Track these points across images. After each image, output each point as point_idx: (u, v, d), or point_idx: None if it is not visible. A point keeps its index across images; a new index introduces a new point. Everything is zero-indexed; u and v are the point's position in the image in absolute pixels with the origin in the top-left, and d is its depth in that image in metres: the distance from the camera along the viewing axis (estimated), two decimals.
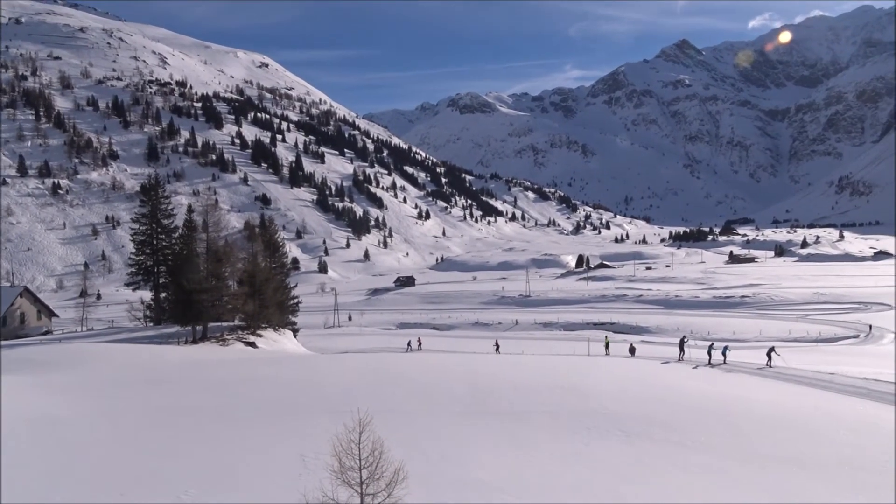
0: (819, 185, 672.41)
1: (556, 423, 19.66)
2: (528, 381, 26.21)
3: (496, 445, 17.40)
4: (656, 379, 28.47)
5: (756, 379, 29.32)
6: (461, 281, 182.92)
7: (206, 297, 41.88)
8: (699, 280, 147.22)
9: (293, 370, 30.59)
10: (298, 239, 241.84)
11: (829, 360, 42.74)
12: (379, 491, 9.01)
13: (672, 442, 17.92)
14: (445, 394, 23.67)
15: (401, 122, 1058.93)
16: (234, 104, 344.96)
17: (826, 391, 25.92)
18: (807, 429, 19.45)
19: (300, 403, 22.25)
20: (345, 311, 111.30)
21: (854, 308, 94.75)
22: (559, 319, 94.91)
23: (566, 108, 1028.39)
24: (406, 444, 15.12)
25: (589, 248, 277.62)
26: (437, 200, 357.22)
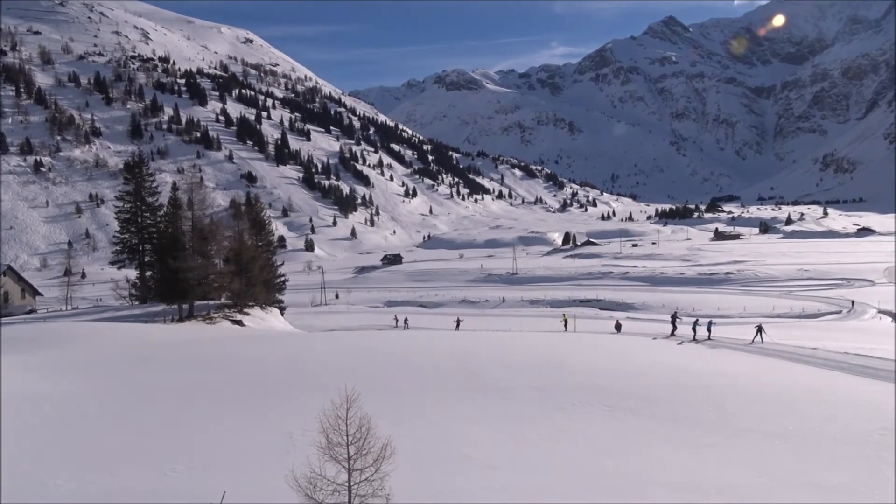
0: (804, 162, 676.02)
1: (543, 398, 19.81)
2: (514, 357, 26.36)
3: (483, 421, 17.53)
4: (642, 355, 28.72)
5: (740, 354, 29.64)
6: (448, 259, 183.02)
7: (192, 276, 41.70)
8: (685, 257, 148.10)
9: (280, 348, 30.59)
10: (285, 217, 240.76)
11: (813, 335, 43.22)
12: (366, 466, 9.05)
13: (657, 417, 18.10)
14: (433, 371, 23.77)
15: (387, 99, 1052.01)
16: (219, 81, 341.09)
17: (809, 366, 26.25)
18: (790, 403, 19.71)
19: (288, 381, 22.29)
20: (332, 289, 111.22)
21: (837, 284, 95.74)
22: (546, 297, 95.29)
23: (553, 86, 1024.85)
24: (394, 421, 15.19)
25: (576, 226, 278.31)
26: (424, 178, 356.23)
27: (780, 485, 13.17)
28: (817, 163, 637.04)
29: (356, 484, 9.06)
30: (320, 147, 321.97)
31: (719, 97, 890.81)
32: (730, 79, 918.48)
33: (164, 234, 47.07)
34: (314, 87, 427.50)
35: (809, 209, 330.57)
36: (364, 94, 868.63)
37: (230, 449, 14.82)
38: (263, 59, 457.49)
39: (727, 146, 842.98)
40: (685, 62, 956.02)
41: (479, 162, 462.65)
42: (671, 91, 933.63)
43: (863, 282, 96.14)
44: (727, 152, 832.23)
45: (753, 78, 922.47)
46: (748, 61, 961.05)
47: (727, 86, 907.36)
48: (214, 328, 40.81)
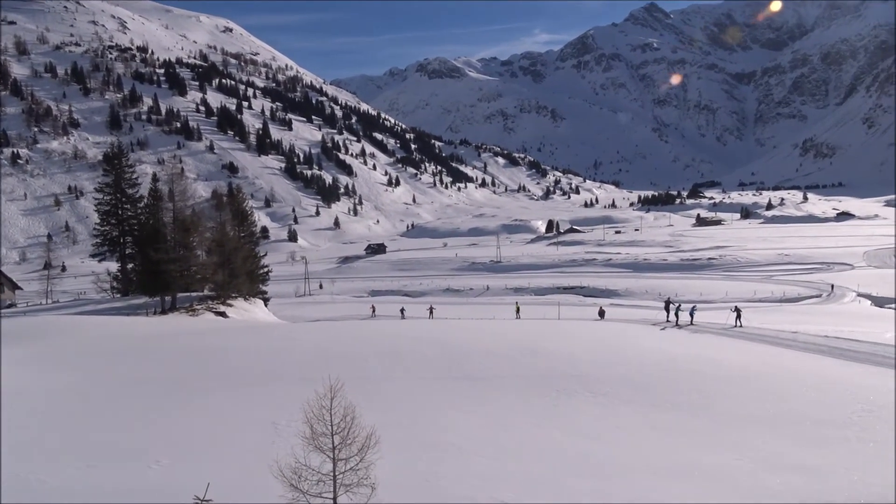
0: (784, 147, 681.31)
1: (528, 385, 19.89)
2: (499, 345, 26.43)
3: (468, 409, 17.58)
4: (625, 341, 28.90)
5: (722, 339, 29.89)
6: (432, 248, 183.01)
7: (175, 268, 41.41)
8: (667, 243, 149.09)
9: (264, 339, 30.48)
10: (267, 207, 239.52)
11: (793, 319, 43.70)
12: (351, 456, 9.06)
13: (640, 402, 18.24)
14: (417, 359, 23.79)
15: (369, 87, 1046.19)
16: (198, 70, 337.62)
17: (790, 349, 26.52)
18: (771, 386, 19.92)
19: (272, 372, 22.22)
20: (316, 280, 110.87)
21: (817, 268, 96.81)
22: (530, 284, 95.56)
23: (535, 73, 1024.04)
24: (379, 410, 15.20)
25: (559, 213, 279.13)
26: (407, 167, 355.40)
27: (763, 467, 13.32)
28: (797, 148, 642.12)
29: (341, 473, 9.06)
30: (302, 137, 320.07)
31: (700, 83, 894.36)
32: (711, 65, 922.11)
33: (145, 225, 46.66)
34: (295, 77, 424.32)
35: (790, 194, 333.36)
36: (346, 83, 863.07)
37: (215, 441, 14.76)
38: (243, 49, 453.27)
39: (708, 132, 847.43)
40: (666, 48, 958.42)
41: (461, 150, 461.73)
42: (653, 77, 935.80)
43: (842, 266, 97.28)
44: (708, 138, 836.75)
45: (734, 64, 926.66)
46: (728, 47, 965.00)
47: (708, 72, 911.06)
48: (197, 320, 40.58)
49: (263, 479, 9.85)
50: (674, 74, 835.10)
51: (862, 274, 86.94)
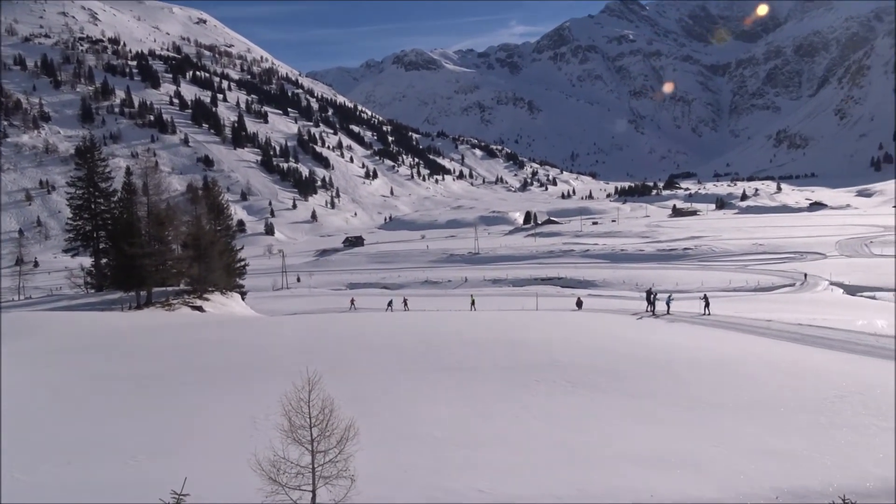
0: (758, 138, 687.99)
1: (506, 376, 19.96)
2: (478, 336, 26.49)
3: (448, 400, 17.61)
4: (602, 331, 29.10)
5: (698, 328, 30.22)
6: (410, 240, 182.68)
7: (150, 262, 40.97)
8: (644, 234, 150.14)
9: (242, 333, 30.29)
10: (243, 201, 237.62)
11: (768, 307, 44.30)
12: (330, 448, 9.04)
13: (618, 391, 18.39)
14: (396, 351, 23.77)
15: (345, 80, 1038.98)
16: (172, 62, 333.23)
17: (764, 338, 26.88)
18: (746, 374, 20.19)
19: (250, 366, 22.09)
20: (293, 273, 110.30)
21: (790, 258, 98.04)
22: (508, 276, 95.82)
23: (512, 65, 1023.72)
24: (357, 402, 15.16)
25: (536, 205, 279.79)
26: (384, 159, 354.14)
27: (738, 453, 13.50)
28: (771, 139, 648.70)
29: (320, 465, 9.04)
30: (278, 129, 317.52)
31: (676, 75, 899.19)
32: (686, 56, 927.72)
33: (118, 220, 46.09)
34: (270, 69, 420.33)
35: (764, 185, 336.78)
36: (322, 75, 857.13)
37: (192, 436, 14.66)
38: (217, 40, 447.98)
39: (684, 124, 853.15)
40: (642, 40, 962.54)
41: (439, 142, 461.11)
42: (629, 69, 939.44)
43: (815, 255, 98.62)
44: (684, 130, 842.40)
45: (709, 56, 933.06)
46: (703, 39, 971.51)
47: (683, 63, 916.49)
48: (174, 314, 40.19)
49: (241, 473, 9.79)
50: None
51: (834, 263, 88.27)
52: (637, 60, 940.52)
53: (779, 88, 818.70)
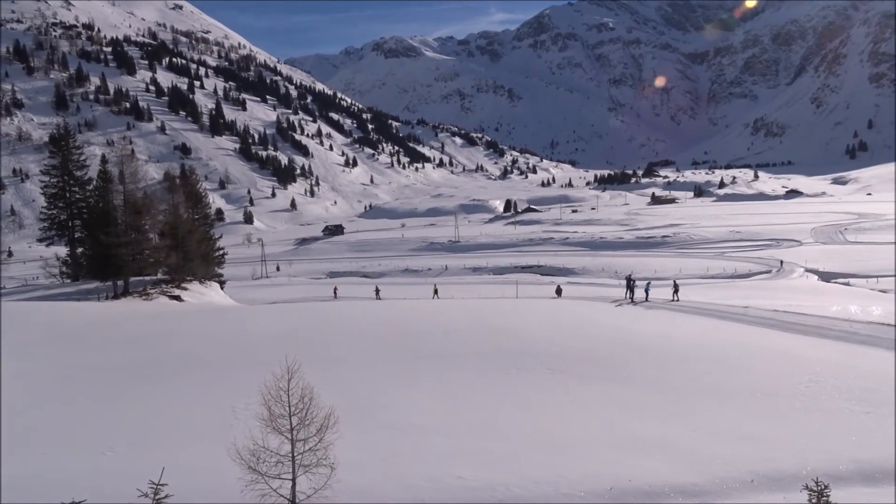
0: (736, 126, 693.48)
1: (487, 364, 20.04)
2: (458, 324, 26.54)
3: (428, 388, 17.65)
4: (581, 318, 29.27)
5: (676, 314, 30.49)
6: (390, 228, 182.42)
7: (126, 251, 40.53)
8: (623, 222, 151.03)
9: (221, 322, 30.10)
10: (222, 189, 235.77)
11: (744, 294, 44.78)
12: (310, 437, 9.03)
13: (597, 378, 18.53)
14: (376, 340, 23.77)
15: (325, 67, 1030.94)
16: (148, 49, 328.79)
17: (741, 324, 27.20)
18: (723, 360, 20.43)
19: (229, 355, 21.97)
20: (273, 262, 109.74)
21: (767, 245, 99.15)
22: (488, 264, 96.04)
23: (492, 52, 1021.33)
24: (338, 391, 15.14)
25: (516, 193, 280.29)
26: (364, 147, 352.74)
27: (714, 438, 13.68)
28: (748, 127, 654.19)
29: (300, 454, 9.03)
30: (257, 117, 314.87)
31: (655, 63, 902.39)
32: (665, 45, 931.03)
33: (94, 208, 45.52)
34: (248, 55, 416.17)
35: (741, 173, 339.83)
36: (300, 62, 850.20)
37: (171, 426, 14.57)
38: (194, 26, 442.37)
39: (663, 112, 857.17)
40: (622, 28, 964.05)
41: (419, 130, 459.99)
42: (608, 57, 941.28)
43: (791, 242, 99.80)
44: (663, 118, 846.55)
45: (687, 44, 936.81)
46: (682, 27, 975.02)
47: (663, 52, 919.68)
48: (151, 304, 39.83)
49: (221, 463, 9.76)
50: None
51: (810, 250, 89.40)
52: (617, 48, 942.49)
53: (756, 77, 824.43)
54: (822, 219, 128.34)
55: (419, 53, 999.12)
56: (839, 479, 11.37)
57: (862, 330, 25.18)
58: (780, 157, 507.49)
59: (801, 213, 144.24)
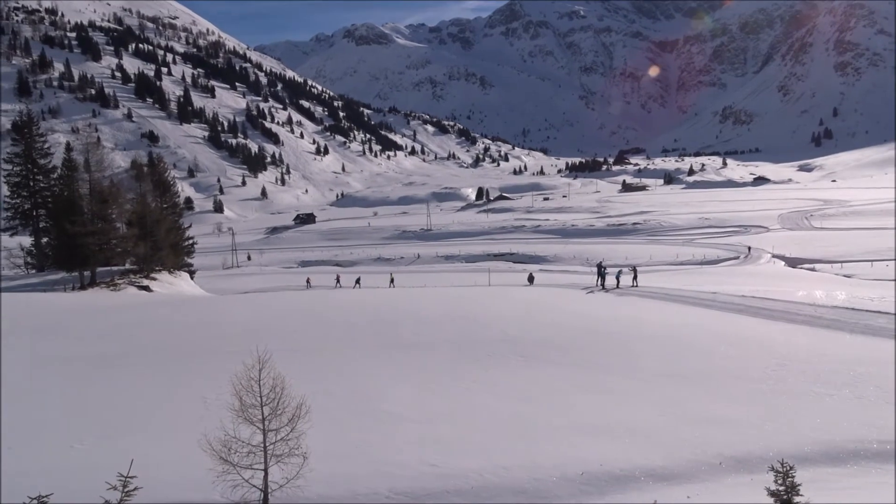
0: (705, 114, 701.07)
1: (459, 351, 20.09)
2: (430, 312, 26.57)
3: (400, 376, 17.65)
4: (553, 305, 29.48)
5: (646, 300, 30.83)
6: (362, 217, 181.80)
7: (93, 241, 39.87)
8: (594, 209, 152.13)
9: (191, 312, 29.79)
10: (191, 178, 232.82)
11: (713, 280, 45.41)
12: (282, 426, 8.98)
13: (569, 364, 18.69)
14: (348, 329, 23.70)
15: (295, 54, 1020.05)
16: (113, 34, 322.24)
17: (709, 309, 27.60)
18: (692, 345, 20.72)
19: (200, 345, 21.77)
20: (243, 251, 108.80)
21: (735, 231, 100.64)
22: (460, 252, 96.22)
23: (464, 40, 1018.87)
24: (310, 381, 15.07)
25: (488, 181, 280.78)
26: (336, 135, 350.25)
27: (683, 422, 13.88)
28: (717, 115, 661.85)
29: (272, 444, 8.98)
30: (226, 104, 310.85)
31: (626, 51, 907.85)
32: (636, 33, 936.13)
33: (59, 197, 44.65)
34: (217, 42, 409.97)
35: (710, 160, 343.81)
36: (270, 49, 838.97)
37: (140, 418, 14.40)
38: (161, 12, 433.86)
39: (633, 100, 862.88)
40: (593, 16, 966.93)
41: (391, 118, 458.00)
42: (579, 45, 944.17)
43: (758, 228, 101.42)
44: (633, 106, 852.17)
45: (658, 32, 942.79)
46: (652, 16, 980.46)
47: (633, 40, 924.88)
48: (119, 294, 39.29)
49: (192, 454, 9.67)
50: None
51: (776, 236, 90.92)
52: (588, 37, 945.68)
53: (725, 65, 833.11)
54: (788, 205, 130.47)
55: (390, 41, 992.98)
56: (804, 460, 11.61)
57: (827, 314, 25.70)
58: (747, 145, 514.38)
59: (769, 200, 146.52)
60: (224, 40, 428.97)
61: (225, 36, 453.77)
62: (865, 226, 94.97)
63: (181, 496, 10.32)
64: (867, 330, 22.74)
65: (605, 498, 10.74)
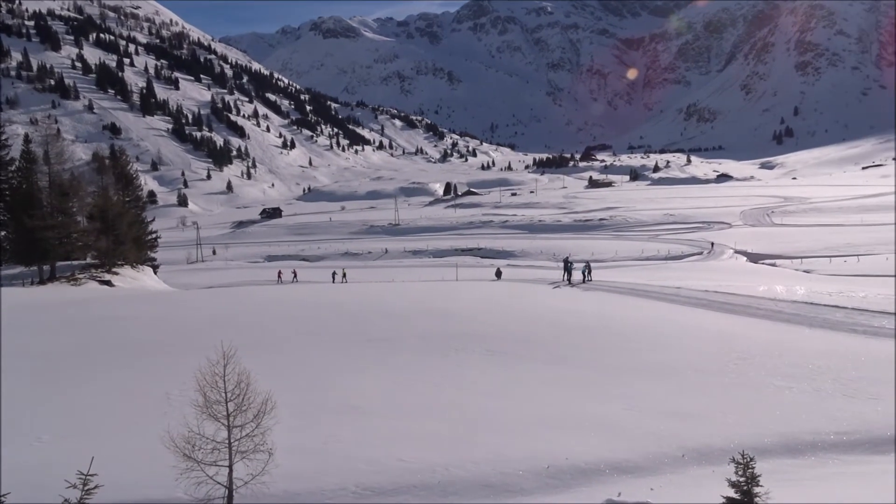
0: (670, 112, 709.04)
1: (427, 346, 20.10)
2: (398, 307, 26.54)
3: (368, 371, 17.61)
4: (520, 299, 29.63)
5: (612, 295, 31.15)
6: (329, 211, 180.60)
7: (53, 235, 39.08)
8: (561, 205, 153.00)
9: (155, 307, 29.35)
10: (154, 171, 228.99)
11: (677, 275, 46.05)
12: (247, 422, 8.89)
13: (536, 359, 18.81)
14: (316, 323, 23.57)
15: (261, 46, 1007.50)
16: (73, 23, 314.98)
17: (674, 304, 27.99)
18: (657, 339, 21.00)
19: (164, 341, 21.45)
20: (208, 246, 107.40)
21: (699, 227, 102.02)
22: (428, 247, 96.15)
23: (432, 35, 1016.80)
24: (277, 376, 14.95)
25: (456, 176, 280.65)
26: (303, 129, 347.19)
27: (648, 415, 14.06)
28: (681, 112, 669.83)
29: (237, 440, 8.89)
30: (190, 97, 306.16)
31: (592, 48, 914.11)
32: (602, 30, 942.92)
33: (17, 190, 43.58)
34: (181, 33, 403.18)
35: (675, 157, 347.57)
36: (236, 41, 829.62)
37: (101, 414, 14.16)
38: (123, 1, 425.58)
39: (600, 96, 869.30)
40: (560, 13, 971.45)
41: (358, 112, 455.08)
42: (547, 42, 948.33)
43: (721, 224, 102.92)
44: (600, 102, 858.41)
45: (624, 30, 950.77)
46: (619, 13, 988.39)
47: (600, 37, 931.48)
48: (80, 289, 38.54)
49: (154, 451, 9.53)
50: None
51: (739, 232, 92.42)
52: (555, 33, 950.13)
53: (689, 63, 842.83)
54: (750, 202, 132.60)
55: (358, 34, 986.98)
56: (764, 452, 11.85)
57: (787, 309, 26.23)
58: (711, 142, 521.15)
59: (731, 197, 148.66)
60: (188, 31, 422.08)
61: (189, 27, 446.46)
62: (824, 222, 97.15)
63: (143, 494, 10.18)
64: (825, 324, 23.29)
65: (571, 491, 10.85)
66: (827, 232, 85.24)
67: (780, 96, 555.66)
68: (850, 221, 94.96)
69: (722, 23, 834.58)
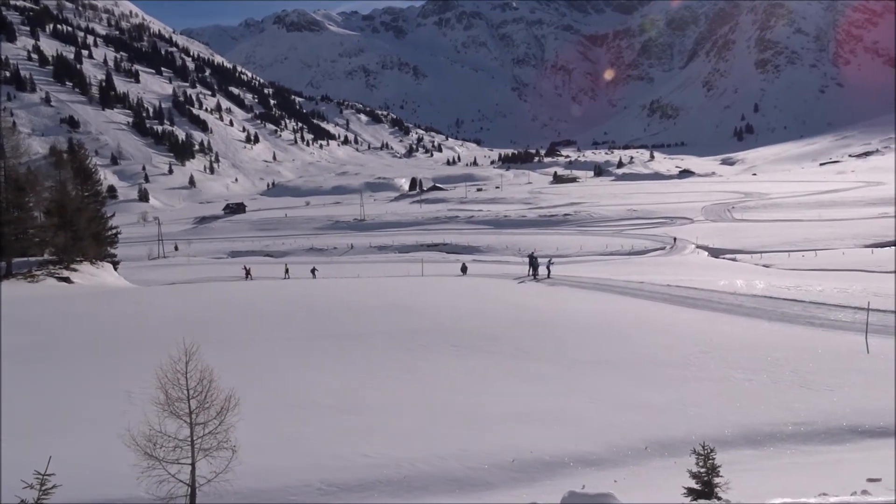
0: (633, 108, 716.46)
1: (392, 342, 20.07)
2: (364, 303, 26.44)
3: (332, 367, 17.52)
4: (485, 295, 29.72)
5: (576, 290, 31.43)
6: (294, 206, 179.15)
7: (8, 230, 38.09)
8: (526, 200, 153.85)
9: (115, 304, 28.81)
10: (114, 165, 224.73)
11: (640, 270, 46.59)
12: (210, 420, 8.79)
13: (501, 353, 18.90)
14: (280, 320, 23.38)
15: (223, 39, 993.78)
16: (29, 14, 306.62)
17: (637, 298, 28.35)
18: (620, 333, 21.26)
19: (124, 338, 21.06)
20: (171, 241, 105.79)
21: (661, 223, 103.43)
22: (394, 242, 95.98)
23: (397, 29, 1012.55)
24: (239, 373, 14.80)
25: (422, 171, 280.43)
26: (266, 123, 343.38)
27: (612, 408, 14.24)
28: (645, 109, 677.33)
29: (199, 438, 8.78)
30: (151, 90, 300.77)
31: (557, 44, 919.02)
32: (567, 26, 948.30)
33: None
34: (141, 24, 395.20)
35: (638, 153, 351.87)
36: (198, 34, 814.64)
37: (59, 413, 13.87)
38: None
39: (564, 92, 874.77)
40: (525, 8, 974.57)
41: (323, 107, 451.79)
42: (512, 37, 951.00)
43: (683, 220, 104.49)
44: (565, 98, 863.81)
45: (588, 26, 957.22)
46: (583, 10, 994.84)
47: (564, 33, 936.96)
48: (38, 286, 37.62)
49: (114, 450, 9.38)
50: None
51: (700, 227, 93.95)
52: (520, 28, 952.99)
53: (652, 60, 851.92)
54: (711, 197, 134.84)
55: (323, 28, 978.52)
56: (725, 443, 12.08)
57: (746, 303, 26.77)
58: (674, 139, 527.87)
59: (693, 192, 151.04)
60: (149, 23, 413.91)
61: (150, 18, 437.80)
62: (783, 218, 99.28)
63: (104, 493, 10.01)
64: (784, 317, 23.83)
65: (536, 484, 10.94)
66: (785, 227, 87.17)
67: (741, 93, 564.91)
68: (807, 217, 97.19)
69: (684, 20, 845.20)
